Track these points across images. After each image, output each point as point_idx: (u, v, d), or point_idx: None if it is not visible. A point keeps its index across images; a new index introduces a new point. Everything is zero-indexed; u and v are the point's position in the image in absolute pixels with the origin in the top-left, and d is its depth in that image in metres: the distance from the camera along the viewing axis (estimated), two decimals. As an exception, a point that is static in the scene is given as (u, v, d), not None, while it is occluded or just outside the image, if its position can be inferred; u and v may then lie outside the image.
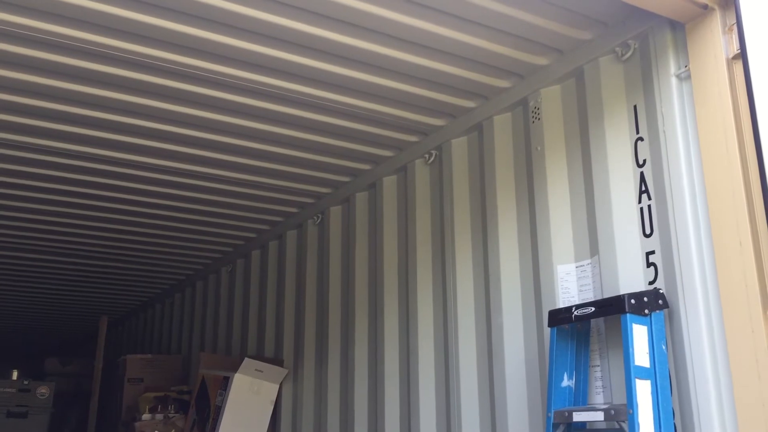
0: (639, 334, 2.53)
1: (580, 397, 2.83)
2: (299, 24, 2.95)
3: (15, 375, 7.48)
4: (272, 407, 5.03)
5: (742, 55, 2.47)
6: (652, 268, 2.72)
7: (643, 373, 2.49)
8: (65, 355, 9.86)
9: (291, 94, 3.50)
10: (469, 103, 3.65)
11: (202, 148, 4.13)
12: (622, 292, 2.70)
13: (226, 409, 4.85)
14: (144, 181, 4.61)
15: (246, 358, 5.03)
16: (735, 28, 2.53)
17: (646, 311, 2.56)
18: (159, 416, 5.67)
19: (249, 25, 2.95)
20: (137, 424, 5.66)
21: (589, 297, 2.92)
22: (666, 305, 2.61)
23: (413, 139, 4.06)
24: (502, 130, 3.55)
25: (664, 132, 2.72)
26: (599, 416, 2.60)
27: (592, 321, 2.87)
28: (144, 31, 2.98)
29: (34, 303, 8.41)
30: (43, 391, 7.28)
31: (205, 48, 3.11)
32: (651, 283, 2.71)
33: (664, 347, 2.56)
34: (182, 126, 3.85)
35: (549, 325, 2.86)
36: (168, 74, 3.33)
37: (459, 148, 3.82)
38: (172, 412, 5.69)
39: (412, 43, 3.11)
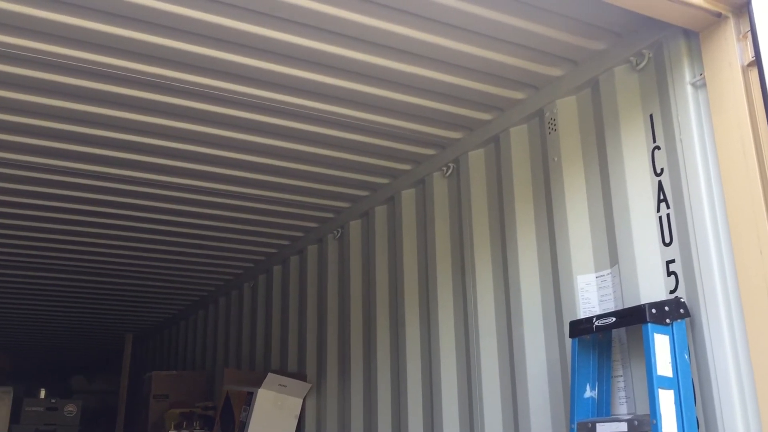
0: (661, 343, 2.52)
1: (603, 408, 2.82)
2: (316, 43, 2.99)
3: (42, 393, 7.54)
4: (296, 421, 5.04)
5: (757, 62, 2.47)
6: (672, 277, 2.71)
7: (666, 382, 2.48)
8: (91, 372, 9.95)
9: (309, 111, 3.54)
10: (485, 116, 3.66)
11: (222, 166, 4.18)
12: (642, 302, 2.69)
13: (251, 424, 4.87)
14: (165, 199, 4.67)
15: (269, 373, 5.06)
16: (749, 35, 2.53)
17: (668, 320, 2.55)
18: (185, 432, 5.72)
19: (267, 45, 3.00)
20: (163, 440, 5.72)
21: (610, 307, 2.92)
22: (687, 314, 2.60)
23: (431, 152, 4.08)
24: (519, 141, 3.55)
25: (680, 140, 2.71)
26: (623, 427, 2.59)
27: (614, 331, 2.86)
28: (170, 55, 3.03)
29: (61, 322, 8.51)
30: (71, 408, 7.34)
31: (224, 68, 3.16)
32: (672, 292, 2.70)
33: (686, 356, 2.55)
34: (202, 145, 3.91)
35: (570, 336, 2.86)
36: (199, 97, 3.39)
37: (476, 160, 3.84)
38: (198, 428, 5.73)
39: (428, 58, 3.14)
